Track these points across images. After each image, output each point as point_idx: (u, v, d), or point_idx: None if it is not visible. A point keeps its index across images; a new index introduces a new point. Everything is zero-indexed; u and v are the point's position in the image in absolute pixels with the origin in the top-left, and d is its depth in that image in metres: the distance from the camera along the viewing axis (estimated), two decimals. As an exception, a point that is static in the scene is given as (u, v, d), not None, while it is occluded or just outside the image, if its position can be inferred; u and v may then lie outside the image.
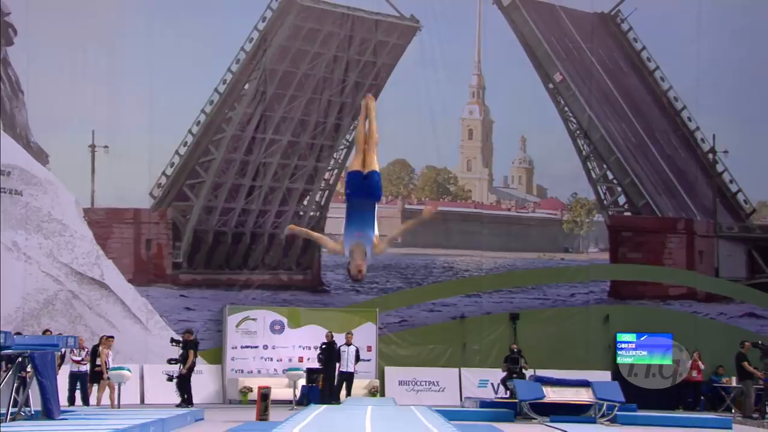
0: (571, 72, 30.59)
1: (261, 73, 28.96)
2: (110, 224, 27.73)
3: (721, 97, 30.12)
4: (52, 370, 18.51)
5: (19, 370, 17.37)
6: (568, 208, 31.24)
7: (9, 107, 26.77)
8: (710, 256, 30.41)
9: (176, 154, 28.49)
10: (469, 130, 31.25)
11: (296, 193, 29.48)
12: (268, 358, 27.66)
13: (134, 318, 26.92)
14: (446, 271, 30.39)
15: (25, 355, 17.42)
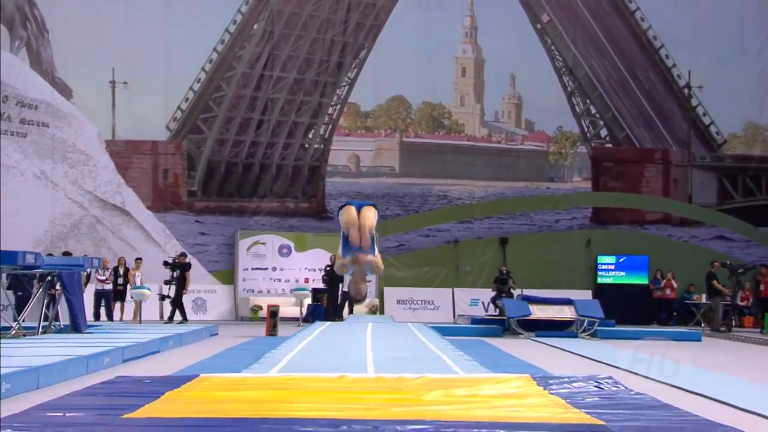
0: (558, 13, 30.37)
1: (269, 14, 28.77)
2: (130, 155, 27.74)
3: (696, 36, 29.87)
4: (79, 288, 18.70)
5: (48, 288, 17.50)
6: (554, 140, 31.16)
7: (35, 45, 26.69)
8: (684, 184, 30.46)
9: (190, 89, 28.37)
10: (463, 68, 31.02)
11: (302, 126, 29.36)
12: (277, 279, 27.83)
13: (153, 242, 27.08)
14: (441, 199, 30.40)
15: (54, 275, 17.55)
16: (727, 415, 8.21)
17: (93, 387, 9.43)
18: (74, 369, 11.27)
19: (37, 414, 7.51)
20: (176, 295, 23.90)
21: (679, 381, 10.72)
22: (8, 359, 11.14)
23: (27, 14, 26.63)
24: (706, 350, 19.05)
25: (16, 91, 26.01)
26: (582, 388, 9.16)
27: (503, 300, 24.31)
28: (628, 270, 28.97)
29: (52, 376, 10.47)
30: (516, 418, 7.39)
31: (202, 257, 27.88)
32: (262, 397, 8.36)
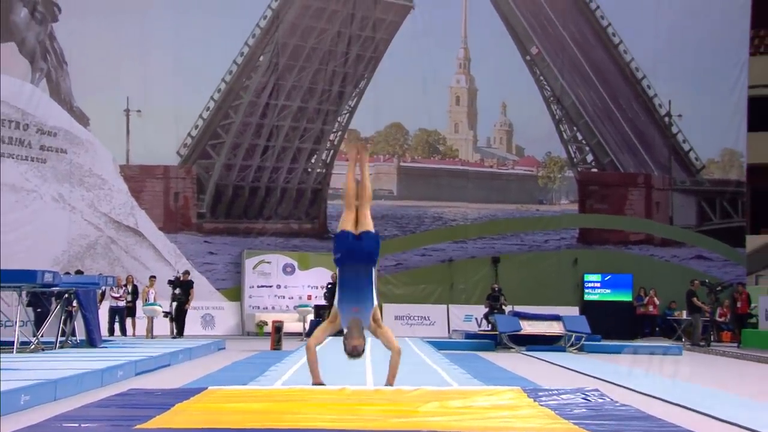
0: (546, 45, 30.45)
1: (274, 47, 28.79)
2: (143, 179, 27.69)
3: (676, 68, 30.07)
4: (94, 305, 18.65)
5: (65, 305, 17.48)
6: (543, 165, 31.15)
7: (55, 76, 26.71)
8: (665, 207, 30.50)
9: (200, 117, 28.36)
10: (457, 97, 31.07)
11: (305, 152, 29.38)
12: (281, 296, 27.74)
13: (164, 261, 27.01)
14: (436, 221, 30.37)
15: (71, 292, 17.51)
16: (707, 426, 8.21)
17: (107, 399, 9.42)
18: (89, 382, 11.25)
19: (54, 424, 7.50)
20: (177, 310, 23.95)
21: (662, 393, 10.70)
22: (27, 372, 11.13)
23: (47, 47, 26.67)
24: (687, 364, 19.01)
25: (36, 120, 26.01)
26: (570, 400, 9.14)
27: (495, 316, 24.28)
28: (613, 288, 28.94)
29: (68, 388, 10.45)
30: (508, 428, 7.39)
31: (210, 275, 27.84)
32: (268, 408, 8.34)
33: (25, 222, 25.30)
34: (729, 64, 30.09)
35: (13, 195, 25.39)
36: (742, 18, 30.10)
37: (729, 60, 30.11)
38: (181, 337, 23.67)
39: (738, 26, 30.15)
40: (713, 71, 29.94)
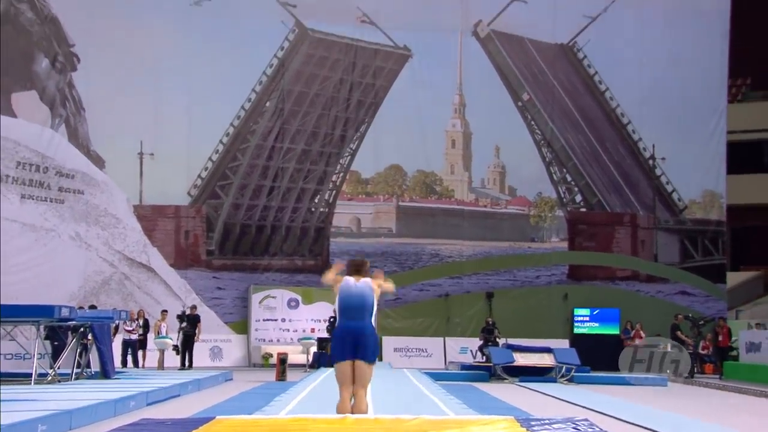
0: (537, 92, 30.58)
1: (280, 93, 28.90)
2: (155, 218, 27.69)
3: (659, 114, 30.19)
4: (108, 338, 18.70)
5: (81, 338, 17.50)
6: (534, 205, 31.16)
7: (73, 122, 26.80)
8: (650, 245, 30.51)
9: (209, 160, 28.40)
10: (452, 140, 31.13)
11: (309, 192, 29.39)
12: (286, 329, 27.69)
13: (175, 296, 26.95)
14: (433, 257, 30.36)
15: (86, 326, 17.55)
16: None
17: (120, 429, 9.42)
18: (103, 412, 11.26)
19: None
20: (183, 342, 23.96)
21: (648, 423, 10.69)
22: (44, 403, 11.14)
23: (66, 95, 26.79)
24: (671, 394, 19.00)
25: (55, 163, 26.04)
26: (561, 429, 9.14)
27: (490, 348, 24.24)
28: (602, 321, 28.86)
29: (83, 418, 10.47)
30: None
31: (218, 309, 27.77)
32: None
33: (43, 259, 25.25)
34: (709, 111, 30.26)
35: (33, 234, 25.40)
36: (720, 69, 30.33)
37: (709, 107, 30.29)
38: (190, 369, 23.65)
39: (716, 76, 30.36)
40: (694, 117, 30.06)
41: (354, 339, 9.14)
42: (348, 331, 9.19)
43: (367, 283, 9.45)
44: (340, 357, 9.20)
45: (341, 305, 9.34)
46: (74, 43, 26.78)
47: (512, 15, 29.98)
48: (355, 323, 9.21)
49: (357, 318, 9.22)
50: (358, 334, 9.16)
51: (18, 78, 26.44)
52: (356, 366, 9.09)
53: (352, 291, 9.37)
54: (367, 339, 9.19)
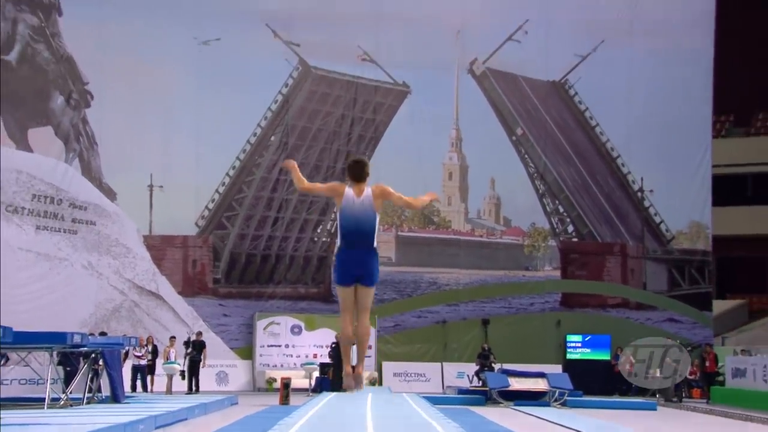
0: (530, 127, 30.65)
1: (284, 128, 29.00)
2: (164, 248, 27.72)
3: (647, 148, 30.24)
4: (119, 364, 18.68)
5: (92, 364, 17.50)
6: (528, 235, 31.17)
7: (86, 156, 26.89)
8: (639, 274, 30.53)
9: (216, 192, 28.46)
10: (449, 173, 31.18)
11: (311, 222, 29.43)
12: (289, 355, 27.68)
13: (183, 323, 26.92)
14: (431, 285, 30.38)
15: (97, 352, 17.54)
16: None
17: (131, 452, 9.45)
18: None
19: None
20: (189, 367, 23.98)
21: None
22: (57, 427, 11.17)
23: (80, 130, 26.91)
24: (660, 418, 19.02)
25: (69, 195, 26.14)
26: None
27: (485, 373, 24.26)
28: (593, 347, 28.85)
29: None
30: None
31: (224, 336, 27.76)
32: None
33: (57, 288, 25.32)
34: (694, 146, 30.28)
35: (47, 263, 25.45)
36: (704, 105, 30.38)
37: (694, 142, 30.32)
38: (197, 393, 23.65)
39: (701, 113, 30.40)
40: (681, 152, 30.10)
41: (356, 265, 8.48)
42: (350, 258, 8.46)
43: (369, 200, 8.43)
44: (342, 282, 8.59)
45: (342, 229, 8.45)
46: (88, 81, 26.95)
47: (506, 54, 30.08)
48: (356, 251, 8.41)
49: (358, 245, 8.45)
50: (360, 261, 8.48)
51: (34, 114, 26.61)
52: (358, 290, 8.52)
53: (355, 212, 8.36)
54: (369, 264, 8.45)
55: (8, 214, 25.14)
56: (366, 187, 8.41)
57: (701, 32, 30.14)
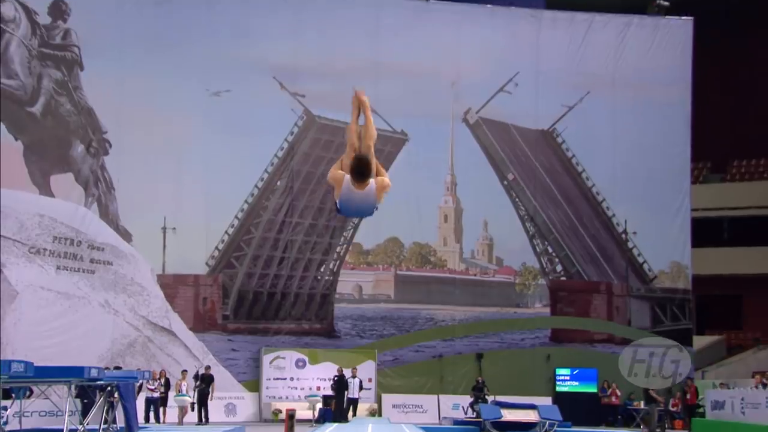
0: (520, 172, 30.81)
1: (289, 173, 29.14)
2: (176, 286, 27.75)
3: (630, 192, 30.38)
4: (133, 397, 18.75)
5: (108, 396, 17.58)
6: (519, 274, 31.19)
7: (104, 200, 27.00)
8: (624, 311, 30.51)
9: (226, 233, 28.51)
10: (445, 215, 31.25)
11: (315, 262, 29.48)
12: (294, 387, 27.65)
13: (194, 357, 26.89)
14: (428, 321, 30.34)
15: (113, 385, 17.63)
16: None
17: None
18: (130, 465, 11.39)
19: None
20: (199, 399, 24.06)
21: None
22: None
23: (99, 176, 27.07)
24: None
25: (88, 237, 26.27)
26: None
27: (479, 405, 24.38)
28: (581, 380, 28.85)
29: (112, 471, 10.60)
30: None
31: (232, 369, 27.74)
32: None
33: (76, 324, 25.34)
34: (674, 191, 30.44)
35: (67, 301, 25.51)
36: (683, 153, 30.59)
37: (674, 187, 30.47)
38: (207, 424, 23.71)
39: (680, 160, 30.61)
40: (662, 196, 30.23)
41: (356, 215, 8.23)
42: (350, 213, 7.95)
43: (369, 195, 7.83)
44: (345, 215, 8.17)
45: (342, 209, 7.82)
46: (107, 130, 27.18)
47: (498, 104, 30.28)
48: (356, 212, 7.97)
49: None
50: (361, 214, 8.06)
51: (56, 162, 26.83)
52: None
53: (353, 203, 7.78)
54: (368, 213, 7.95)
55: (31, 255, 25.29)
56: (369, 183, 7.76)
57: (680, 85, 30.42)
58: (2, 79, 25.64)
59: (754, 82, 36.70)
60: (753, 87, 36.79)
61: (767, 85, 36.64)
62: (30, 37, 26.30)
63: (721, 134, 35.60)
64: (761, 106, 36.41)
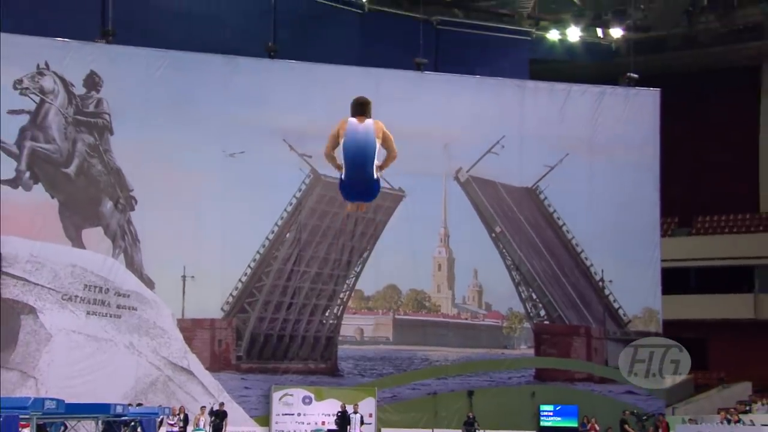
0: (507, 226, 30.91)
1: (297, 226, 29.24)
2: (194, 329, 27.75)
3: (606, 245, 30.44)
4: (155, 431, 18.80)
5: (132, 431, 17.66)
6: (506, 318, 31.12)
7: (130, 251, 27.19)
8: (602, 352, 30.45)
9: (239, 281, 28.57)
10: (438, 264, 31.22)
11: (321, 307, 29.47)
12: (301, 422, 27.56)
13: (210, 394, 26.87)
14: (423, 362, 30.28)
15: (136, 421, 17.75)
16: None
17: None
18: (153, 494, 11.49)
19: None
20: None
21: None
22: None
23: (125, 230, 27.30)
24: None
25: (115, 285, 26.45)
26: None
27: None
28: (563, 416, 28.76)
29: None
30: None
31: (245, 405, 27.67)
32: None
33: (103, 365, 25.46)
34: (646, 243, 30.51)
35: (95, 343, 25.62)
36: (653, 209, 30.75)
37: (646, 240, 30.56)
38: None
39: (651, 215, 30.75)
40: (635, 248, 30.28)
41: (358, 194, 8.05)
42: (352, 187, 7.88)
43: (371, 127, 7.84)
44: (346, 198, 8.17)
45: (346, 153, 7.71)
46: (133, 188, 27.45)
47: (486, 164, 30.43)
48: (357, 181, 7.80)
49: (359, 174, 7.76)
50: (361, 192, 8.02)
51: (88, 217, 27.08)
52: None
53: (358, 138, 7.71)
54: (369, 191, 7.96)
55: (64, 302, 25.47)
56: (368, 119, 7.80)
57: (649, 148, 30.62)
58: (42, 144, 26.09)
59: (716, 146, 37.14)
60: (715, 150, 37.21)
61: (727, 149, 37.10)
62: (66, 106, 26.77)
63: (687, 192, 35.98)
64: (722, 168, 36.81)
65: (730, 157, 37.11)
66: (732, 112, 37.65)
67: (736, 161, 37.23)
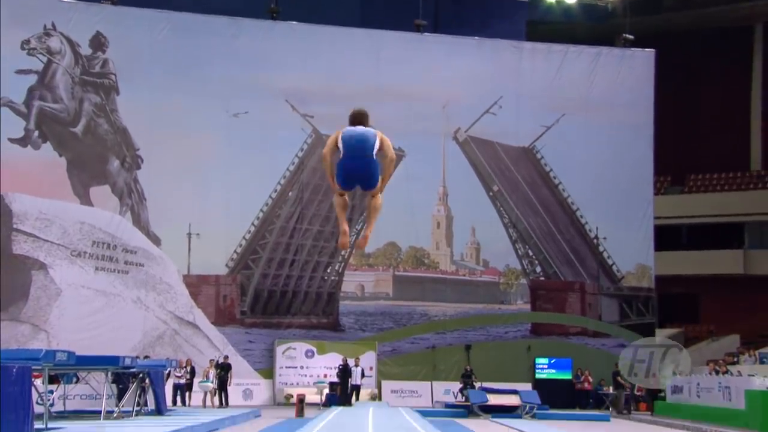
0: (504, 184, 30.88)
1: (299, 185, 29.21)
2: (200, 285, 27.81)
3: (601, 203, 30.46)
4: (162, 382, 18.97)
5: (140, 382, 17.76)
6: (503, 274, 31.21)
7: (137, 209, 27.18)
8: (596, 307, 30.58)
9: (243, 238, 28.58)
10: (437, 222, 31.29)
11: (322, 264, 29.54)
12: (304, 375, 27.75)
13: (215, 348, 26.99)
14: (422, 317, 30.39)
15: (144, 372, 17.82)
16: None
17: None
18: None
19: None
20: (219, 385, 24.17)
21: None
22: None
23: (132, 188, 27.25)
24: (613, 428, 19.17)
25: (122, 242, 26.45)
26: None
27: (468, 390, 24.45)
28: (558, 368, 28.92)
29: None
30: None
31: (249, 359, 27.82)
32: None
33: (111, 319, 25.52)
34: (639, 201, 30.50)
35: (104, 298, 25.67)
36: (647, 168, 30.68)
37: (639, 198, 30.55)
38: (227, 407, 23.78)
39: (645, 174, 30.68)
40: (628, 206, 30.30)
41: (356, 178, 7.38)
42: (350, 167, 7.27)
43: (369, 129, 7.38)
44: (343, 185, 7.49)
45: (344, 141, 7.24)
46: (139, 147, 27.36)
47: (484, 124, 30.34)
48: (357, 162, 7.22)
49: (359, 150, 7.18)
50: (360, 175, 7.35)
51: (95, 175, 26.99)
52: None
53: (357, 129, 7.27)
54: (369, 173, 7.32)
55: (73, 258, 25.48)
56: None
57: (643, 108, 30.47)
58: (49, 103, 25.90)
59: (708, 105, 36.95)
60: (707, 109, 37.03)
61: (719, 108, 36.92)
62: (73, 67, 26.54)
63: (680, 151, 35.89)
64: (714, 127, 36.67)
65: (723, 117, 36.95)
66: (725, 72, 37.43)
67: (729, 121, 37.08)
